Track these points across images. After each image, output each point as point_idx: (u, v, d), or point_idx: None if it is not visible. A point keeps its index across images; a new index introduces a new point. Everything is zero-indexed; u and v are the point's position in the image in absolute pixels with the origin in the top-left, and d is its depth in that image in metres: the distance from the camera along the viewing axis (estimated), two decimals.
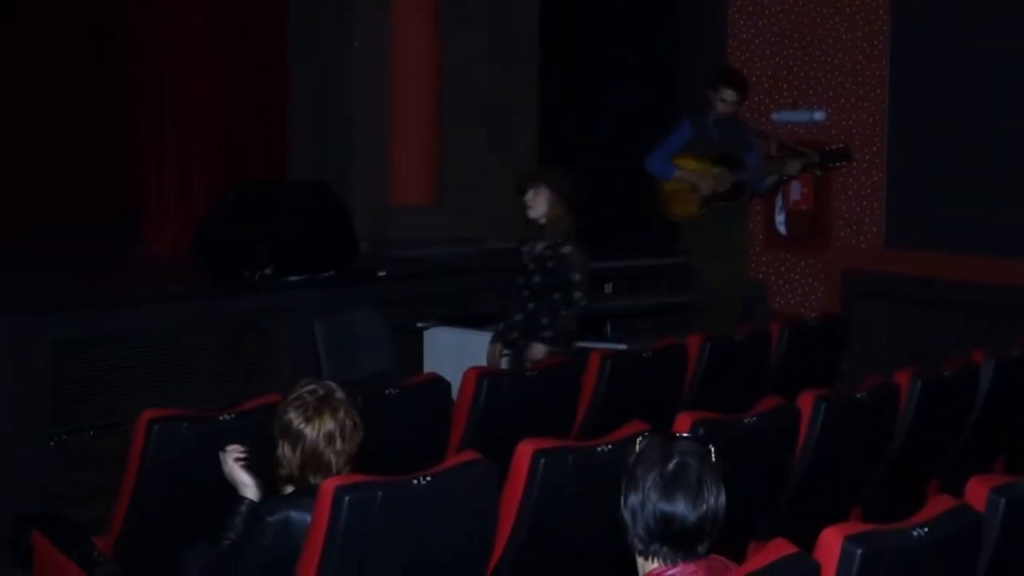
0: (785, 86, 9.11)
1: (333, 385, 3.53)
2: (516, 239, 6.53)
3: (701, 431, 3.98)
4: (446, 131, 8.89)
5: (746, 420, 4.20)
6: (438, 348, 6.98)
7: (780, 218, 9.10)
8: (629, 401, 5.05)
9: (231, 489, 3.62)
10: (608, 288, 8.69)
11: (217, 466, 3.72)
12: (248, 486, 3.59)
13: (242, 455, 3.63)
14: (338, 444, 3.41)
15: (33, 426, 6.11)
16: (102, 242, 8.92)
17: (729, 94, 7.52)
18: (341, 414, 3.43)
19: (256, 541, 3.32)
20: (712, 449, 2.75)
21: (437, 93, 8.81)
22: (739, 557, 3.43)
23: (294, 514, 3.30)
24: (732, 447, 4.11)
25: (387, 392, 4.59)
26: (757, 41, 9.23)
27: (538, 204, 6.13)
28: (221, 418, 4.19)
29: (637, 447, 2.77)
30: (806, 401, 4.43)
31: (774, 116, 9.09)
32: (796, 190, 8.98)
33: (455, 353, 6.71)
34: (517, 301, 6.29)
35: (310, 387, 3.48)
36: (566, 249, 6.14)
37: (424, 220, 8.66)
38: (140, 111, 8.58)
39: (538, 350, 6.08)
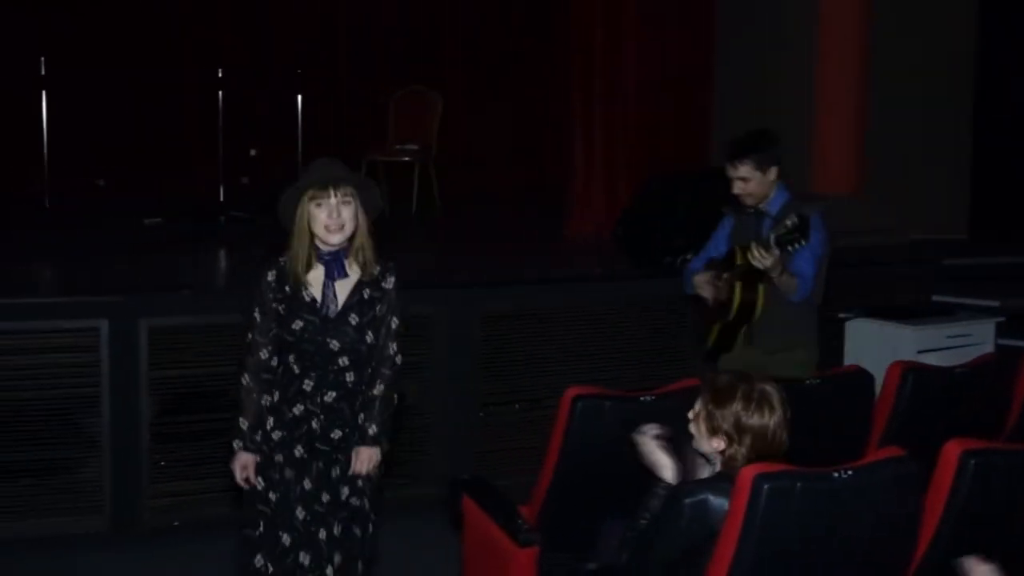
0: None
1: (752, 374, 3.54)
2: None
3: None
4: (873, 119, 8.66)
5: None
6: (860, 340, 6.83)
7: None
8: None
9: (648, 469, 3.68)
10: None
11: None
12: (666, 467, 3.61)
13: (660, 434, 3.68)
14: (785, 429, 3.44)
15: (467, 397, 6.47)
16: (534, 221, 9.32)
17: (731, 169, 5.16)
18: (780, 399, 3.45)
19: (673, 522, 3.37)
20: None
21: (865, 82, 8.60)
22: None
23: (712, 498, 3.32)
24: None
25: (808, 382, 4.55)
26: None
27: (348, 221, 3.94)
28: (642, 399, 4.27)
29: None
30: None
31: None
32: None
33: (878, 345, 6.56)
34: (318, 374, 3.99)
35: (735, 380, 3.50)
36: (389, 282, 4.05)
37: (848, 209, 8.46)
38: (573, 98, 8.80)
39: (370, 457, 4.03)
